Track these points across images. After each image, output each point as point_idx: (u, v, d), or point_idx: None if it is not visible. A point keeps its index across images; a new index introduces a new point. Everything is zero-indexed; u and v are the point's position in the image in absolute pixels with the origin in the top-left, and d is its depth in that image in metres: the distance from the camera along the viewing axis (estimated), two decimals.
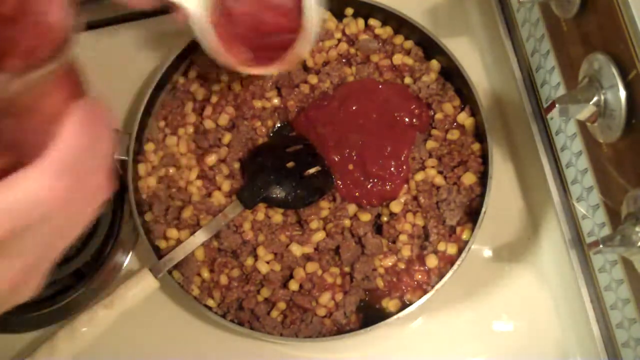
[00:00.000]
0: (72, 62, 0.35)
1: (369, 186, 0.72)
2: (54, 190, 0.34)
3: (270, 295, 0.70)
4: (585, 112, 0.55)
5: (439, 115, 0.75)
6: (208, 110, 0.77)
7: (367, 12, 0.79)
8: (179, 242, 0.71)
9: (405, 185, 0.73)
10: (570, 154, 0.66)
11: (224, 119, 0.76)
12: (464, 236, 0.70)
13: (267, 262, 0.71)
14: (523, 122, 0.75)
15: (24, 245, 0.35)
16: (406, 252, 0.70)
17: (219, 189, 0.74)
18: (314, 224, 0.72)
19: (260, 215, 0.73)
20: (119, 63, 0.85)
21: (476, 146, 0.73)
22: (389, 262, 0.70)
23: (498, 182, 0.71)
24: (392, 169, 0.73)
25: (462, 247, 0.69)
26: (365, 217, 0.72)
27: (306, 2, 0.62)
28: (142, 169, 0.75)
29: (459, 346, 0.73)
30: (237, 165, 0.75)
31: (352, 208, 0.73)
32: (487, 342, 0.73)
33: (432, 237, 0.70)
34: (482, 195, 0.70)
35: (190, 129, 0.77)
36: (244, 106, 0.76)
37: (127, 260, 0.77)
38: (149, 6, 0.65)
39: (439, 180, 0.72)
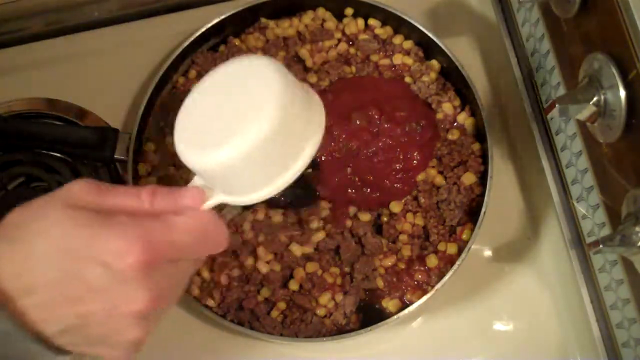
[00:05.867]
0: None
1: (367, 191, 0.72)
2: (199, 232, 0.45)
3: (270, 295, 0.70)
4: (585, 112, 0.55)
5: (439, 115, 0.75)
6: None
7: (367, 12, 0.79)
8: None
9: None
10: (570, 154, 0.66)
11: None
12: (464, 236, 0.70)
13: (267, 262, 0.71)
14: (523, 122, 0.75)
15: (172, 270, 0.44)
16: (406, 252, 0.70)
17: None
18: (314, 224, 0.72)
19: (260, 215, 0.73)
20: (119, 63, 0.85)
21: (476, 146, 0.73)
22: (389, 262, 0.70)
23: (498, 182, 0.71)
24: (398, 184, 0.72)
25: (462, 247, 0.69)
26: (365, 217, 0.72)
27: None
28: (142, 169, 0.75)
29: (459, 346, 0.73)
30: None
31: (352, 208, 0.73)
32: (487, 342, 0.73)
33: (432, 237, 0.70)
34: (482, 195, 0.70)
35: None
36: None
37: None
38: None
39: (439, 180, 0.72)
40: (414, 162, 0.72)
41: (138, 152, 0.75)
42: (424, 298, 0.68)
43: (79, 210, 0.41)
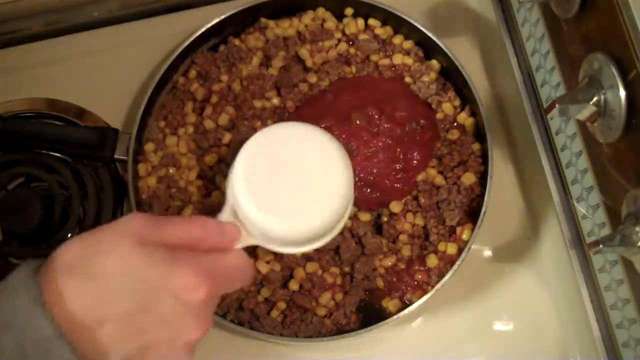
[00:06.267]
0: None
1: (367, 191, 0.72)
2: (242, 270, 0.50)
3: (270, 295, 0.70)
4: (585, 112, 0.55)
5: (439, 115, 0.75)
6: (208, 110, 0.77)
7: (367, 12, 0.79)
8: None
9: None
10: (570, 154, 0.66)
11: (224, 119, 0.76)
12: (464, 236, 0.70)
13: (267, 262, 0.71)
14: (523, 122, 0.75)
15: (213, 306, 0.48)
16: (406, 252, 0.70)
17: (219, 189, 0.74)
18: None
19: None
20: (119, 63, 0.85)
21: (476, 146, 0.73)
22: (389, 262, 0.70)
23: (498, 182, 0.71)
24: (398, 184, 0.72)
25: (462, 247, 0.69)
26: (365, 217, 0.72)
27: None
28: (142, 169, 0.75)
29: (459, 346, 0.73)
30: None
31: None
32: (487, 342, 0.73)
33: (432, 237, 0.70)
34: (482, 195, 0.70)
35: (190, 129, 0.77)
36: (244, 106, 0.76)
37: None
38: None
39: (439, 180, 0.72)
40: (414, 162, 0.72)
41: (138, 152, 0.75)
42: (424, 298, 0.68)
43: (148, 247, 0.45)
